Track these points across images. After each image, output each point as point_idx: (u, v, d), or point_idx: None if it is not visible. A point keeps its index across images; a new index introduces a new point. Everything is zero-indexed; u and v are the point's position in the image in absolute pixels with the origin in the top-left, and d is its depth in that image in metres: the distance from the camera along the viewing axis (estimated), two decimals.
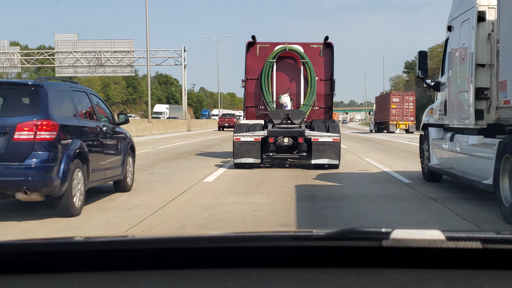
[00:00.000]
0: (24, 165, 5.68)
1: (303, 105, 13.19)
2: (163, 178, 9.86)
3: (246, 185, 8.57)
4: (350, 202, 7.19)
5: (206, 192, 8.00)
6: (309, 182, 9.27)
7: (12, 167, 5.67)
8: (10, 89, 6.29)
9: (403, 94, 44.38)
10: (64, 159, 5.99)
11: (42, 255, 1.18)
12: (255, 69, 13.29)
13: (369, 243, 1.11)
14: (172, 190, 8.31)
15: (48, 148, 5.85)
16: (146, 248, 1.15)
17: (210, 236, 1.25)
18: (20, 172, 5.69)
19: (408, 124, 43.34)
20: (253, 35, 13.48)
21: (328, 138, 11.22)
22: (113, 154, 7.64)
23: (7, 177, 5.65)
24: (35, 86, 6.13)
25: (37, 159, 5.74)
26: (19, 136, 5.75)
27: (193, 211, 6.48)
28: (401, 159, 14.79)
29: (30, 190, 5.69)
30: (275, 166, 12.03)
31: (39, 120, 5.82)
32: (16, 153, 5.75)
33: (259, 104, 13.28)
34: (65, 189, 5.96)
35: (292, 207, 6.29)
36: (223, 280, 1.08)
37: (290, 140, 11.68)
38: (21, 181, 5.64)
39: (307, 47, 13.42)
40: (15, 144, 5.74)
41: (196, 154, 16.14)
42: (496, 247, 1.14)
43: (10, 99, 6.17)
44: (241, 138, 11.24)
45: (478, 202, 7.32)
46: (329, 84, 13.37)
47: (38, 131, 5.79)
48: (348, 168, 11.71)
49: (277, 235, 1.23)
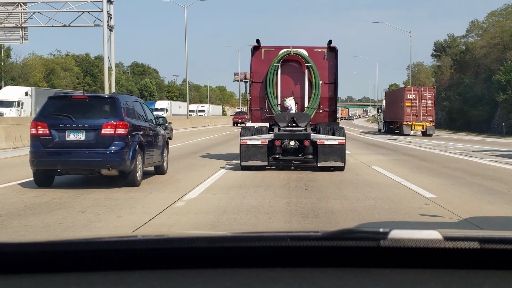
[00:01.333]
0: (108, 151, 9.32)
1: (308, 108, 14.78)
2: (192, 167, 14.28)
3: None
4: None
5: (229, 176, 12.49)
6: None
7: (100, 152, 9.30)
8: (96, 100, 10.32)
9: (420, 90, 40.32)
10: (132, 147, 9.64)
11: (40, 255, 1.30)
12: (260, 73, 15.04)
13: (367, 243, 1.25)
14: (202, 174, 12.45)
15: (123, 140, 9.45)
16: (144, 248, 1.30)
17: (208, 236, 1.43)
18: (105, 155, 9.30)
19: (426, 126, 39.58)
20: (258, 39, 15.21)
21: (333, 141, 12.70)
22: (156, 146, 11.44)
23: (97, 158, 9.35)
24: (111, 99, 9.90)
25: (116, 147, 9.34)
26: (104, 132, 9.39)
27: (227, 182, 10.92)
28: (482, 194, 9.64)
29: (111, 167, 9.33)
30: (280, 168, 13.61)
31: (116, 121, 9.48)
32: (102, 143, 9.34)
33: (264, 107, 15.05)
34: (133, 167, 9.61)
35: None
36: (221, 280, 1.21)
37: (296, 143, 13.24)
38: (106, 162, 9.30)
39: (311, 51, 15.14)
40: (101, 137, 9.34)
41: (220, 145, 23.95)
42: (494, 247, 1.27)
43: (97, 107, 9.98)
44: (248, 141, 12.75)
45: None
46: (333, 88, 15.06)
47: (116, 128, 9.39)
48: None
49: (275, 235, 1.40)
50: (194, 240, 1.34)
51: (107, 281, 1.23)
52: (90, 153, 9.46)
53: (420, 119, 39.84)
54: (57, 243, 1.40)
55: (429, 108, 39.87)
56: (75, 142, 9.51)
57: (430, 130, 40.05)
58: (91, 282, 1.23)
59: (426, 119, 39.81)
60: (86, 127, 9.56)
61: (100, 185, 10.33)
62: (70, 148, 9.57)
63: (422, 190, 9.89)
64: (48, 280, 1.26)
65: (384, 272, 1.26)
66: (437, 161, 17.12)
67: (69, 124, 9.54)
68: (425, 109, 39.79)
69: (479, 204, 8.57)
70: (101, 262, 1.30)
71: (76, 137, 9.50)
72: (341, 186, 10.22)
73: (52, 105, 9.93)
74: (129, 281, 1.23)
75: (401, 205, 8.39)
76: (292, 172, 13.11)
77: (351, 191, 9.56)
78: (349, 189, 9.85)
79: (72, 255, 1.31)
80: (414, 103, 39.79)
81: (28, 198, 8.76)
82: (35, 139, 9.63)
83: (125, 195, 9.12)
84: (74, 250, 1.32)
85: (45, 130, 9.46)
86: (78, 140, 9.50)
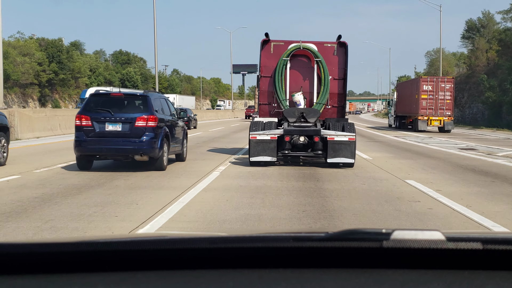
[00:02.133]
0: (140, 140, 11.41)
1: (316, 104, 15.09)
2: (209, 155, 16.51)
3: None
4: None
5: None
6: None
7: (133, 141, 11.38)
8: (130, 97, 12.40)
9: (437, 81, 36.73)
10: (160, 137, 11.69)
11: (42, 256, 1.34)
12: (269, 67, 15.48)
13: (369, 244, 1.31)
14: (217, 159, 15.19)
15: (153, 131, 11.53)
16: (147, 249, 1.34)
17: (210, 237, 1.47)
18: (138, 144, 11.36)
19: (444, 120, 36.22)
20: (267, 33, 15.57)
21: (344, 137, 13.10)
22: (177, 137, 13.45)
23: (131, 146, 11.35)
24: (143, 96, 12.07)
25: (147, 137, 11.46)
26: (138, 124, 11.48)
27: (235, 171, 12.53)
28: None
29: (143, 154, 11.47)
30: (288, 163, 13.90)
31: (147, 115, 11.55)
32: (136, 133, 11.41)
33: (272, 102, 15.47)
34: (160, 154, 11.70)
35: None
36: (223, 280, 1.26)
37: (306, 139, 13.59)
38: (139, 149, 11.35)
39: (321, 46, 15.44)
40: (135, 128, 11.44)
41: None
42: (496, 248, 1.32)
43: (131, 103, 11.96)
44: (258, 137, 13.28)
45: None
46: (342, 84, 15.43)
47: (147, 121, 11.48)
48: None
49: (277, 236, 1.44)
50: (196, 241, 1.39)
51: (110, 281, 1.27)
52: (126, 142, 11.56)
53: (437, 113, 36.33)
54: (59, 244, 1.43)
55: (448, 101, 36.46)
56: (113, 132, 11.63)
57: (448, 125, 36.28)
58: (93, 283, 1.26)
59: (444, 113, 36.28)
60: (122, 119, 11.64)
61: (134, 168, 12.21)
62: (108, 137, 11.59)
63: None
64: (50, 281, 1.28)
65: (386, 272, 1.30)
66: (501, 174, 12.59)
67: (108, 117, 11.63)
68: (442, 102, 36.30)
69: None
70: (103, 263, 1.33)
71: (114, 128, 11.66)
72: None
73: (93, 101, 12.08)
74: (132, 281, 1.27)
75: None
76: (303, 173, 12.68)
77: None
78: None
79: (75, 255, 1.34)
80: (431, 95, 36.40)
81: (70, 177, 10.48)
82: (80, 129, 11.69)
83: (154, 178, 10.98)
84: (77, 251, 1.35)
85: (88, 122, 11.64)
86: (115, 131, 11.64)
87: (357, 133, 14.88)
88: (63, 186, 9.69)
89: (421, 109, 36.75)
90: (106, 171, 11.97)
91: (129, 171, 11.84)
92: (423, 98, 36.76)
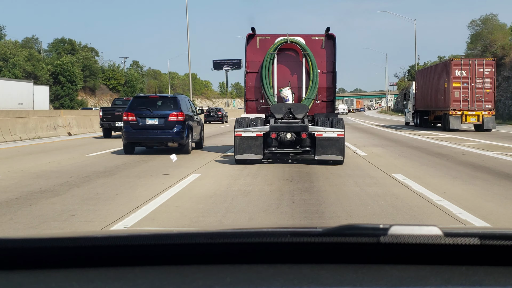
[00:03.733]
0: (172, 131, 16.06)
1: (305, 99, 15.09)
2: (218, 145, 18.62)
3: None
4: None
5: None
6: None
7: (167, 132, 16.17)
8: (164, 98, 17.41)
9: (473, 64, 29.63)
10: (186, 129, 15.75)
11: (40, 251, 1.33)
12: (255, 62, 15.64)
13: (367, 239, 1.36)
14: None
15: (181, 124, 16.00)
16: (144, 244, 1.36)
17: (208, 232, 1.48)
18: (171, 134, 16.10)
19: (483, 116, 29.24)
20: (253, 27, 15.11)
21: (332, 134, 13.36)
22: (197, 129, 16.78)
23: (165, 136, 15.95)
24: (173, 97, 16.59)
25: (177, 129, 16.16)
26: (170, 119, 15.91)
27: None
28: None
29: (175, 141, 15.96)
30: (277, 161, 13.13)
31: (177, 112, 16.02)
32: (169, 126, 16.06)
33: (260, 98, 15.61)
34: (187, 142, 15.74)
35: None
36: (221, 276, 1.29)
37: (293, 135, 13.42)
38: (171, 137, 15.96)
39: (308, 39, 15.74)
40: (168, 122, 16.04)
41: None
42: (494, 243, 1.38)
43: (165, 102, 16.59)
44: (243, 134, 13.64)
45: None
46: (331, 77, 15.61)
47: (177, 117, 16.03)
48: None
49: (275, 231, 1.47)
50: (194, 236, 1.41)
51: (107, 277, 1.29)
52: (161, 132, 15.97)
53: (474, 106, 29.45)
54: (56, 239, 1.43)
55: (487, 91, 29.65)
56: (152, 125, 16.11)
57: (488, 122, 29.09)
58: (91, 278, 1.27)
59: (483, 107, 29.31)
60: (159, 115, 15.93)
61: (167, 152, 15.85)
62: (148, 129, 15.81)
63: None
64: (48, 276, 1.28)
65: (384, 268, 1.35)
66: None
67: (148, 114, 16.02)
68: (481, 92, 29.47)
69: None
70: (101, 258, 1.34)
71: (152, 122, 16.35)
72: None
73: (136, 102, 16.44)
74: (130, 277, 1.30)
75: None
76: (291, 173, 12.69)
77: None
78: None
79: (72, 251, 1.33)
80: (465, 84, 29.95)
81: (119, 159, 14.26)
82: (127, 123, 16.14)
83: (182, 158, 14.58)
84: (74, 246, 1.34)
85: (133, 117, 16.31)
86: (153, 124, 16.21)
87: (374, 134, 14.30)
88: (112, 165, 14.16)
89: (452, 102, 29.39)
90: (146, 154, 16.08)
91: (166, 154, 15.91)
92: (455, 87, 29.53)
